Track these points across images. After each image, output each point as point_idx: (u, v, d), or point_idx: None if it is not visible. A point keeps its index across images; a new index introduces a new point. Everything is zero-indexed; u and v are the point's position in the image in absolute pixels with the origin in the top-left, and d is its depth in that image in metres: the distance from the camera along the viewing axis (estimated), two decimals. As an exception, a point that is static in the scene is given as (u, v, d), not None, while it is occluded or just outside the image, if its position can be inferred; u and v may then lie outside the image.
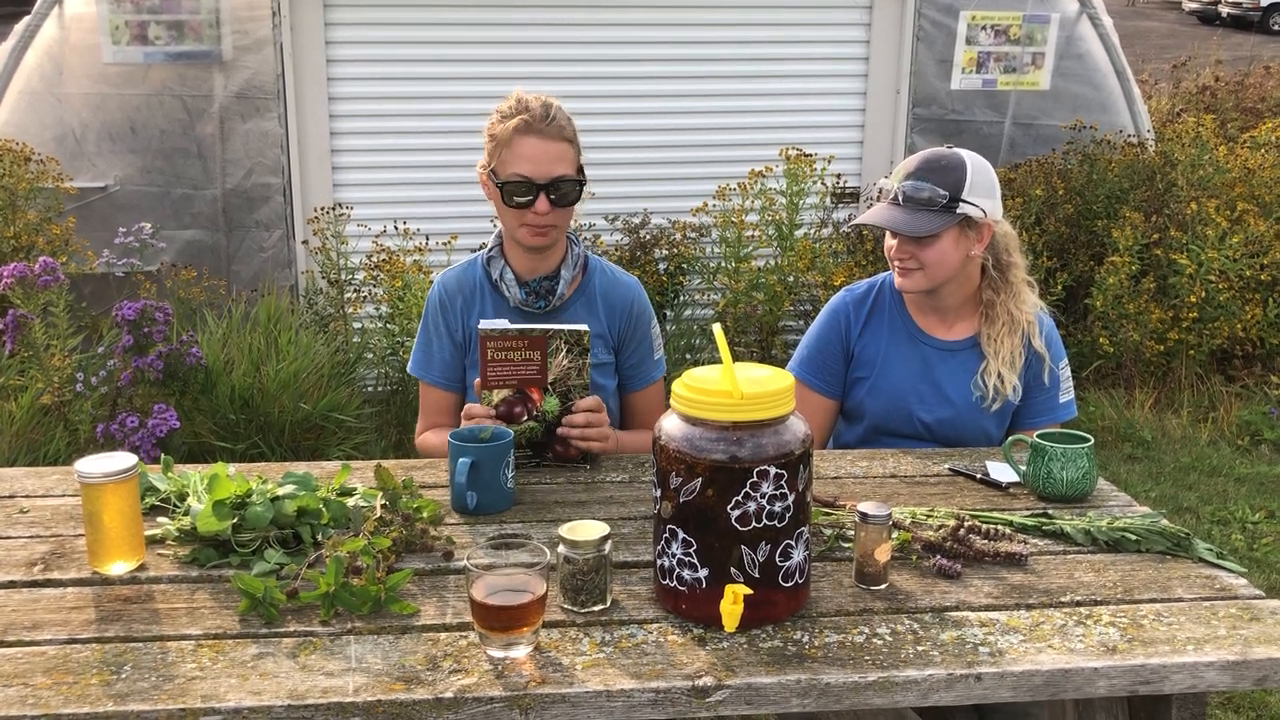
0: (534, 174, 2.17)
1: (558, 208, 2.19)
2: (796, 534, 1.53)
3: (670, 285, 5.05)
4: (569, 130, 2.22)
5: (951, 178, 2.23)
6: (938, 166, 2.25)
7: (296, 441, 3.96)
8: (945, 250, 2.25)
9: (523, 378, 2.06)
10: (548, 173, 2.17)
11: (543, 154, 2.17)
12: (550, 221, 2.20)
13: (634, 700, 1.40)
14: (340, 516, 1.80)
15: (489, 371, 2.05)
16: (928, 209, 2.23)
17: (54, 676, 1.40)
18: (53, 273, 3.64)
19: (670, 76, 5.32)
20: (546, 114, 2.18)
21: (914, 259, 2.27)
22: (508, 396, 2.07)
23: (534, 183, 2.17)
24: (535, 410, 2.08)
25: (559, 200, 2.19)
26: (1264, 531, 4.07)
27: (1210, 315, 5.12)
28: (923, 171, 2.25)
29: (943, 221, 2.21)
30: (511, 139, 2.18)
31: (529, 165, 2.17)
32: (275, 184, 4.96)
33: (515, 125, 2.17)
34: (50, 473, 2.09)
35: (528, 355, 2.04)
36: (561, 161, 2.19)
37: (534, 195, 2.17)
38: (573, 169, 2.22)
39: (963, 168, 2.24)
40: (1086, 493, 2.01)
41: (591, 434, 2.11)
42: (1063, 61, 5.55)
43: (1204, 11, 23.47)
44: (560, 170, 2.19)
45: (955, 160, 2.25)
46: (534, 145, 2.17)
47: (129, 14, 4.76)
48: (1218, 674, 1.49)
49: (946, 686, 1.45)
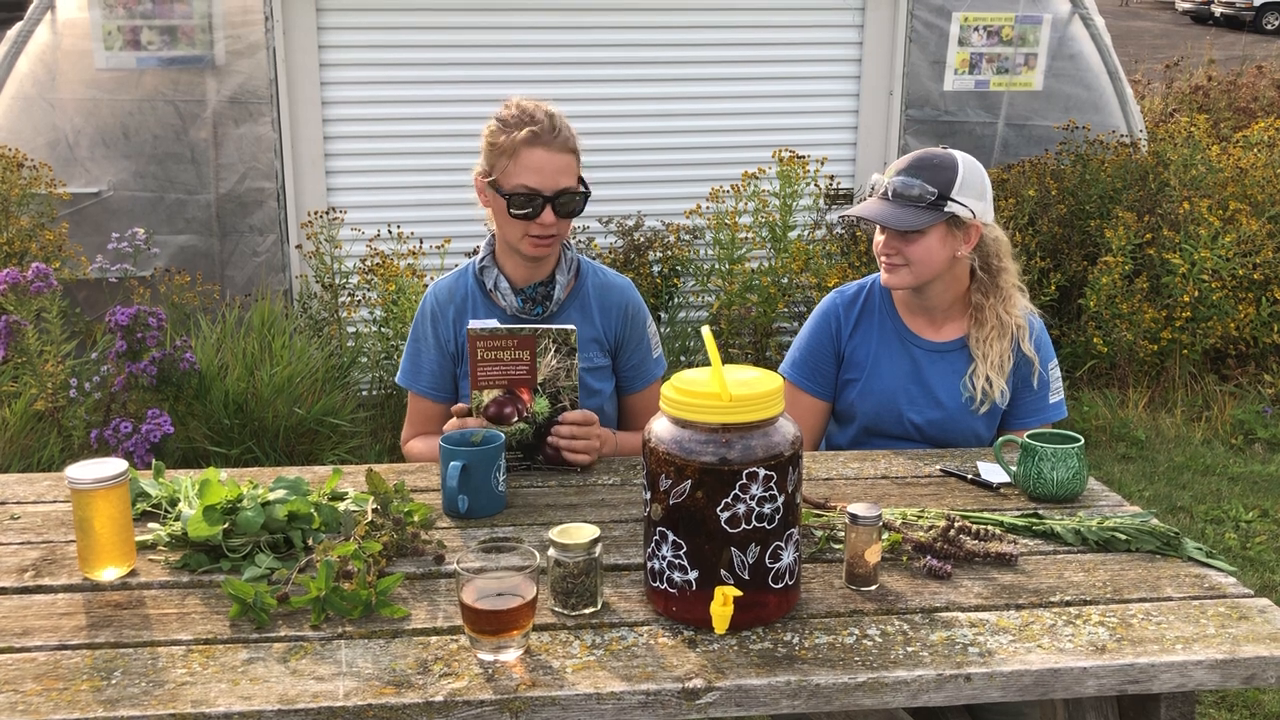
0: (541, 186, 2.17)
1: (562, 219, 2.20)
2: (786, 535, 1.54)
3: (664, 287, 5.05)
4: (572, 141, 2.22)
5: (942, 176, 2.24)
6: (929, 164, 2.26)
7: (291, 446, 3.96)
8: (931, 247, 2.26)
9: (512, 378, 2.07)
10: (554, 185, 2.17)
11: (549, 166, 2.17)
12: (554, 232, 2.21)
13: (624, 703, 1.40)
14: (331, 521, 1.80)
15: (479, 371, 2.06)
16: (915, 205, 2.24)
17: (44, 683, 1.40)
18: (46, 279, 3.64)
19: (663, 79, 5.33)
20: (553, 126, 2.18)
21: (900, 254, 2.28)
22: (498, 397, 2.08)
23: (541, 195, 2.17)
24: (525, 411, 2.09)
25: (564, 212, 2.19)
26: (1257, 530, 4.08)
27: (1203, 315, 5.13)
28: (914, 169, 2.26)
29: (930, 218, 2.22)
30: (518, 150, 2.16)
31: (535, 177, 2.16)
32: (269, 189, 4.96)
33: (523, 137, 2.16)
34: (41, 479, 2.09)
35: (517, 355, 2.05)
36: (566, 173, 2.19)
37: (540, 208, 2.17)
38: (575, 180, 2.22)
39: (954, 167, 2.25)
40: (1077, 493, 2.01)
41: (578, 446, 2.11)
42: (1055, 62, 5.56)
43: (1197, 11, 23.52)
44: (565, 182, 2.19)
45: (948, 160, 2.26)
46: (541, 157, 2.16)
47: (121, 19, 4.76)
48: (1206, 673, 1.50)
49: (936, 687, 1.45)
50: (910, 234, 2.24)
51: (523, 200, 2.17)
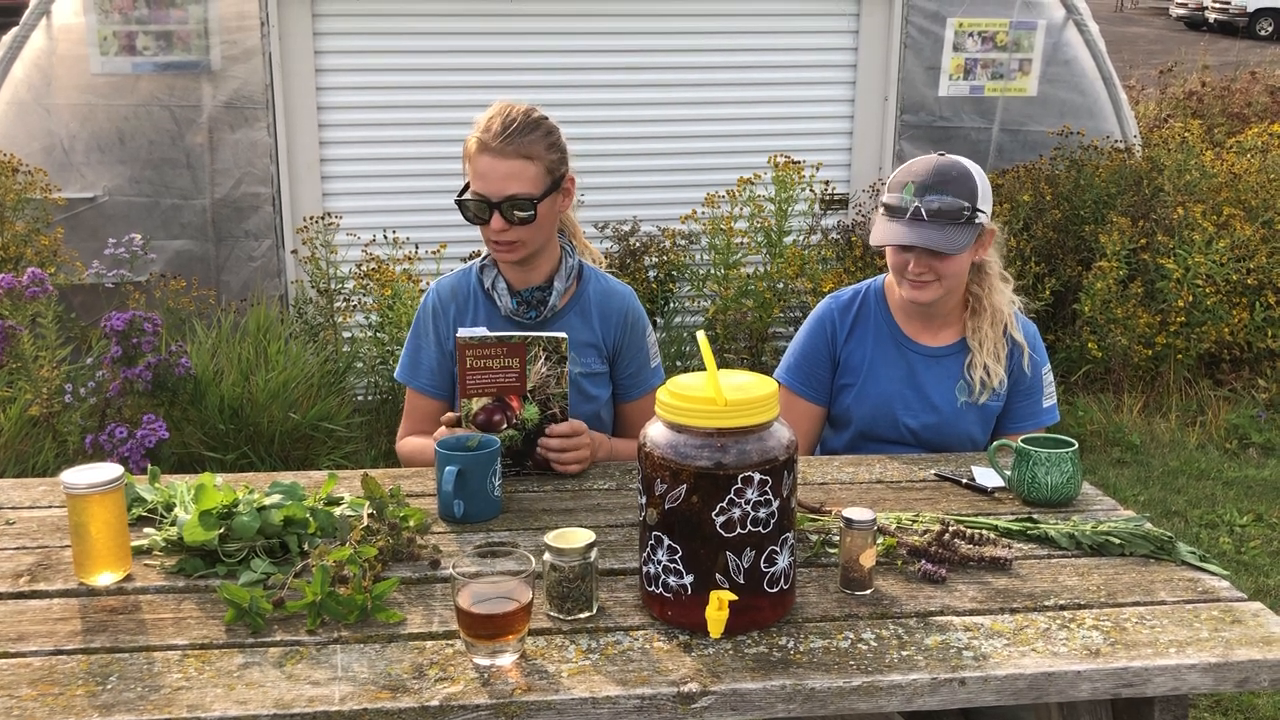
0: (487, 192, 2.17)
1: (515, 226, 2.18)
2: (781, 540, 1.54)
3: (660, 292, 5.06)
4: (531, 147, 2.16)
5: (966, 187, 2.22)
6: (950, 177, 2.22)
7: (286, 451, 3.96)
8: (964, 261, 2.26)
9: (502, 385, 2.06)
10: (500, 190, 2.16)
11: (494, 172, 2.16)
12: (511, 238, 2.19)
13: (620, 707, 1.40)
14: (327, 526, 1.80)
15: (468, 379, 2.05)
16: (954, 223, 2.20)
17: (39, 688, 1.40)
18: (41, 284, 3.64)
19: (659, 84, 5.34)
20: (505, 130, 2.15)
21: (931, 271, 2.25)
22: (487, 404, 2.07)
23: (487, 201, 2.17)
24: (515, 418, 2.08)
25: (513, 219, 2.17)
26: (1252, 535, 4.08)
27: (1198, 319, 5.15)
28: (939, 184, 2.21)
29: (971, 233, 2.22)
30: (473, 156, 2.19)
31: (482, 183, 2.17)
32: (264, 194, 4.96)
33: (473, 144, 2.19)
34: (37, 484, 2.09)
35: (506, 363, 2.04)
36: (515, 179, 2.15)
37: (487, 214, 2.18)
38: (532, 185, 2.16)
39: (972, 176, 2.23)
40: (1071, 497, 2.02)
41: (567, 458, 2.11)
42: (1050, 67, 5.57)
43: (1191, 17, 23.59)
44: (514, 188, 2.15)
45: (963, 169, 2.24)
46: (487, 163, 2.16)
47: (117, 24, 4.76)
48: (1200, 676, 1.50)
49: (931, 691, 1.46)
50: (948, 253, 2.22)
51: (471, 206, 2.20)
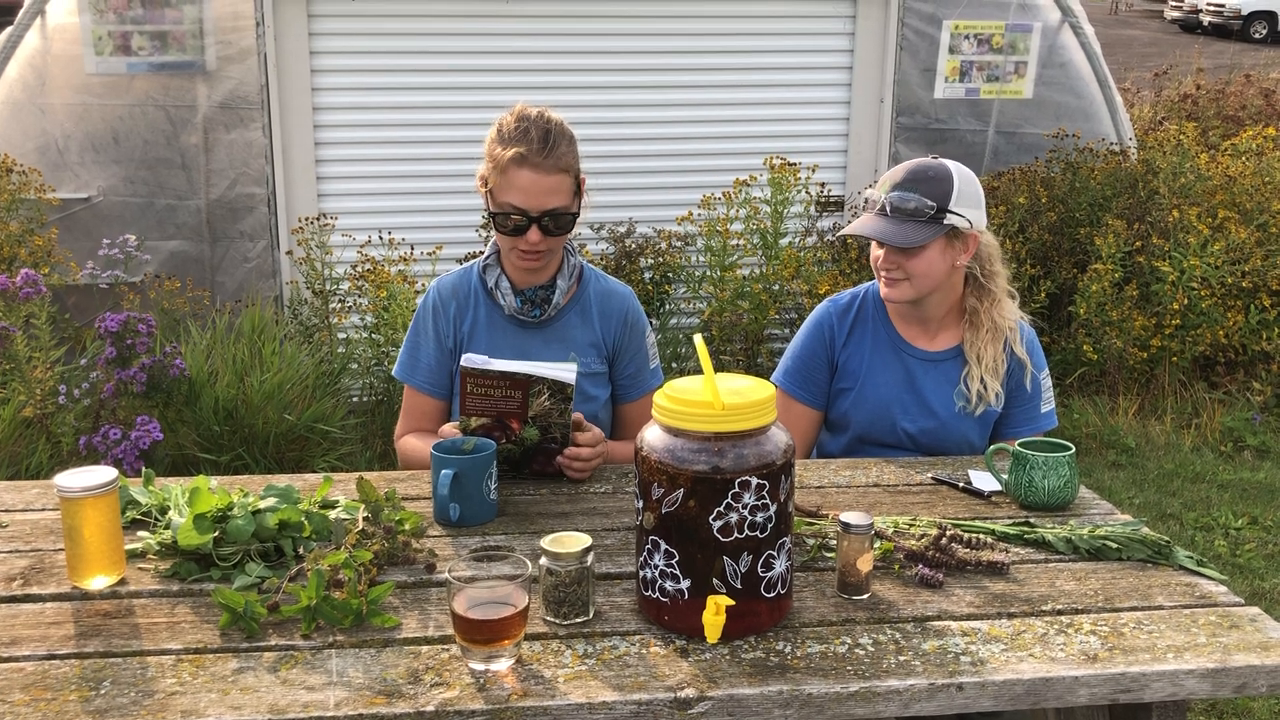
0: (527, 206, 2.15)
1: (550, 236, 2.18)
2: (779, 544, 1.54)
3: (656, 294, 5.05)
4: (567, 159, 2.16)
5: (939, 189, 2.23)
6: (925, 177, 2.24)
7: (281, 453, 3.95)
8: (932, 261, 2.25)
9: (502, 411, 2.02)
10: (540, 205, 2.15)
11: (536, 187, 2.14)
12: (542, 249, 2.19)
13: (616, 712, 1.40)
14: (322, 529, 1.79)
15: (468, 403, 2.01)
16: (915, 220, 2.22)
17: (32, 693, 1.39)
18: (35, 285, 3.62)
19: (655, 86, 5.34)
20: (545, 144, 2.13)
21: (900, 269, 2.26)
22: (486, 423, 2.03)
23: (527, 214, 2.15)
24: (514, 437, 2.05)
25: (551, 231, 2.17)
26: (1247, 537, 4.09)
27: (1193, 322, 5.15)
28: (910, 182, 2.24)
29: (930, 232, 2.22)
30: (507, 167, 2.14)
31: (522, 197, 2.14)
32: (259, 194, 4.95)
33: (511, 156, 2.12)
34: (30, 486, 2.08)
35: (509, 394, 2.00)
36: (556, 194, 2.16)
37: (525, 227, 2.16)
38: (568, 198, 2.18)
39: (950, 178, 2.24)
40: (1068, 501, 2.02)
41: (590, 469, 2.11)
42: (1045, 70, 5.58)
43: (1185, 20, 23.65)
44: (554, 203, 2.16)
45: (942, 171, 2.25)
46: (529, 179, 2.13)
47: (112, 24, 4.75)
48: (1197, 682, 1.50)
49: (928, 696, 1.45)
50: (911, 249, 2.24)
51: (509, 219, 2.16)
